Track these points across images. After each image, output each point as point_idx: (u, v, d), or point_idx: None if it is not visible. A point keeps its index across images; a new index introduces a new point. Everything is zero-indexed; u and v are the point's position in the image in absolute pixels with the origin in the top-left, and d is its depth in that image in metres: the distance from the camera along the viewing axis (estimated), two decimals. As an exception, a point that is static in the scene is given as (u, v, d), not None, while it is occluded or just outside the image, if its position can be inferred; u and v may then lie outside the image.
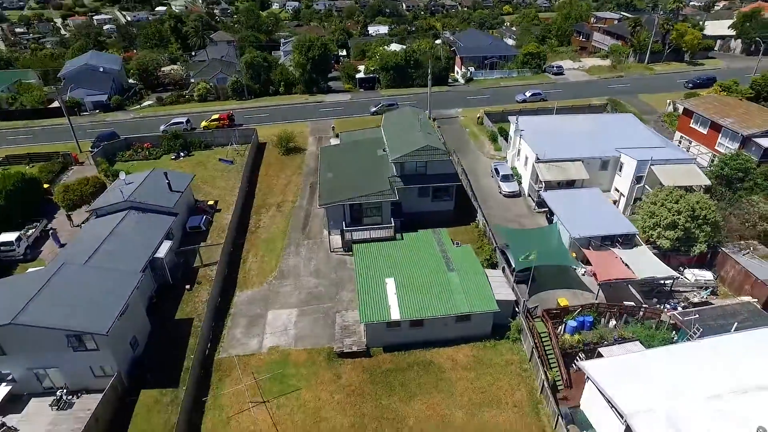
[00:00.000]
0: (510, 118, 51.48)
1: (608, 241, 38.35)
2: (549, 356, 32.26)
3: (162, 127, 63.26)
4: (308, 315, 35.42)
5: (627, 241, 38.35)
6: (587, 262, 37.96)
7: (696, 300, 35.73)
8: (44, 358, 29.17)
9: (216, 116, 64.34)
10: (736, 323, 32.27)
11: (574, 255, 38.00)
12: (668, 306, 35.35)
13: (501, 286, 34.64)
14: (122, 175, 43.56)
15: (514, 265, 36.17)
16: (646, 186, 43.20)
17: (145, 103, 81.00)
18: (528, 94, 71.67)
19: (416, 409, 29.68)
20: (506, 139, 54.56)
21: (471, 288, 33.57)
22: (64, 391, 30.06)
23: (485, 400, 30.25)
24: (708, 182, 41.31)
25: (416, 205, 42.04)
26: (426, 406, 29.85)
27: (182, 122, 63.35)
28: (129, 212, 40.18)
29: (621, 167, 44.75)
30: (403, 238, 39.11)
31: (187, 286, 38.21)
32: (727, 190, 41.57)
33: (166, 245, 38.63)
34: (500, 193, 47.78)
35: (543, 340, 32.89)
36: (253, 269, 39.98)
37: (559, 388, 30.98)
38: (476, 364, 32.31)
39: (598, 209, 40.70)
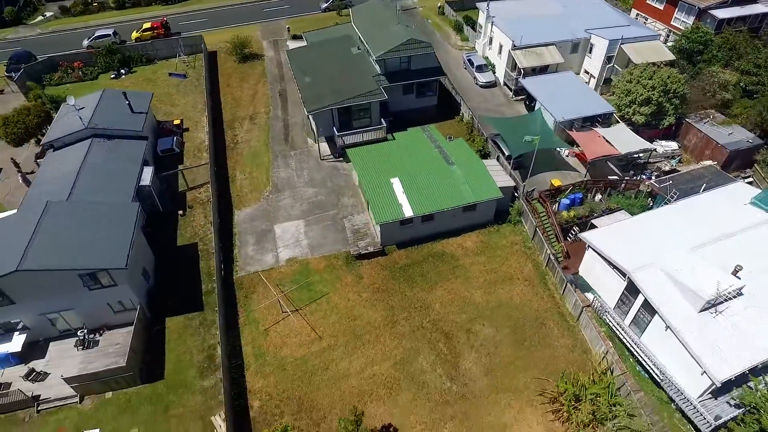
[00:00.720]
0: (479, 5, 49.84)
1: (588, 122, 40.42)
2: (548, 233, 35.10)
3: (85, 42, 55.29)
4: (315, 224, 35.45)
5: (605, 120, 40.60)
6: (570, 144, 40.09)
7: (667, 168, 39.42)
8: (58, 301, 27.65)
9: (148, 25, 56.84)
10: (704, 184, 36.38)
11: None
12: (644, 176, 38.82)
13: (498, 174, 36.12)
14: (70, 100, 38.44)
15: (509, 153, 37.52)
16: (615, 66, 44.87)
17: (48, 14, 69.54)
18: None
19: (439, 295, 31.90)
20: (473, 28, 53.31)
21: (474, 179, 34.76)
22: (85, 330, 29.08)
23: (498, 279, 32.99)
24: (672, 57, 43.55)
25: (400, 104, 41.29)
26: (447, 291, 32.13)
27: (109, 35, 55.54)
28: (93, 141, 36.34)
29: (591, 48, 45.78)
30: (394, 138, 38.86)
31: (180, 212, 36.47)
32: (687, 63, 44.17)
33: (149, 171, 35.92)
34: (476, 84, 47.74)
35: (542, 219, 35.52)
36: (245, 186, 38.55)
37: (559, 259, 34.18)
38: (485, 249, 34.63)
39: (576, 92, 42.17)
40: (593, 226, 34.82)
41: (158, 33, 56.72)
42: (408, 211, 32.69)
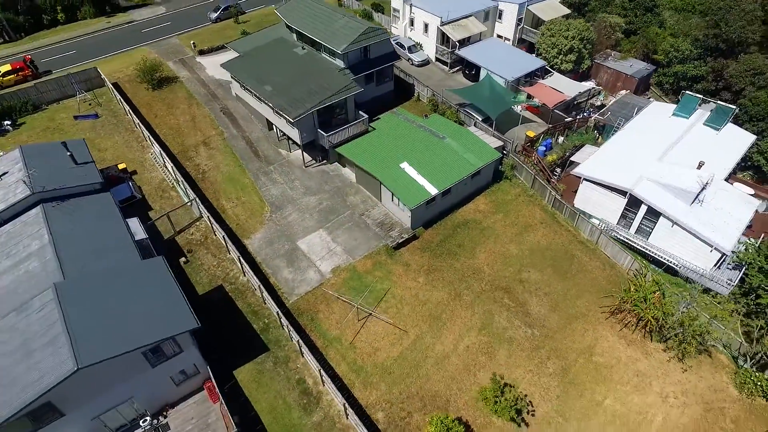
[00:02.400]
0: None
1: (529, 77, 45.10)
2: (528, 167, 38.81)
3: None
4: (337, 229, 34.19)
5: (540, 72, 45.71)
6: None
7: (598, 104, 46.09)
8: (115, 394, 23.00)
9: (8, 67, 47.03)
10: (636, 108, 43.51)
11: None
12: (585, 114, 44.89)
13: (485, 138, 38.72)
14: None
15: (487, 116, 40.34)
16: (524, 26, 50.43)
17: None
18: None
19: (482, 258, 33.60)
20: (383, 13, 54.79)
21: (470, 146, 36.81)
22: (148, 418, 24.60)
23: (520, 229, 35.81)
24: (568, 11, 50.47)
25: (363, 94, 40.95)
26: (486, 252, 33.97)
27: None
28: (42, 207, 29.83)
29: (500, 15, 50.65)
30: (374, 128, 38.91)
31: (183, 259, 32.13)
32: (578, 14, 51.61)
33: (136, 223, 30.91)
34: (412, 64, 49.55)
35: (535, 167, 39.15)
36: (240, 214, 35.23)
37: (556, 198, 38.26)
38: (497, 207, 37.14)
39: (508, 53, 46.63)
40: (573, 164, 39.58)
41: (25, 74, 47.40)
42: (432, 190, 33.50)
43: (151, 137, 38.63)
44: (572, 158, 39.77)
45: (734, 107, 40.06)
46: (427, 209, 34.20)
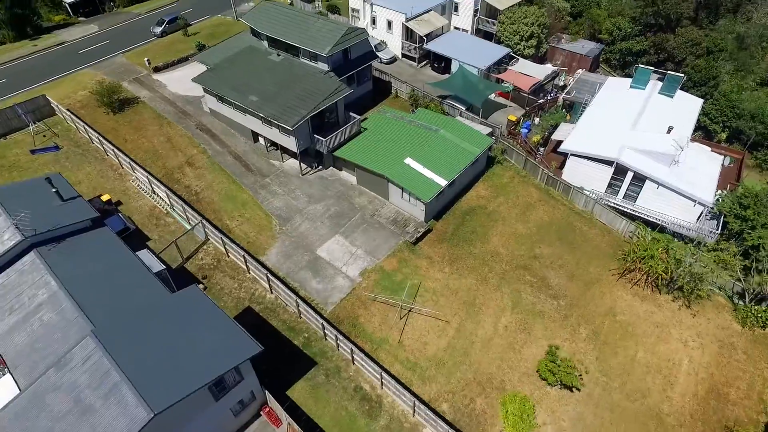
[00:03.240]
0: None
1: (498, 64, 46.98)
2: (521, 150, 40.72)
3: None
4: (353, 232, 33.84)
5: (507, 59, 47.75)
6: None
7: (561, 84, 48.96)
8: (180, 437, 21.51)
9: (-69, 106, 41.58)
10: (597, 84, 46.73)
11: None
12: (552, 95, 47.54)
13: (473, 125, 39.95)
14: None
15: (471, 105, 41.56)
16: (480, 16, 52.35)
17: None
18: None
19: (496, 241, 34.79)
20: (339, 14, 54.41)
21: (464, 135, 37.84)
22: (212, 455, 23.22)
23: (522, 209, 37.44)
24: (518, -1, 53.16)
25: (348, 95, 40.87)
26: (499, 235, 35.22)
27: None
28: (36, 252, 26.92)
29: (456, 7, 52.18)
30: (365, 129, 38.81)
31: (201, 286, 30.34)
32: (528, 2, 54.32)
33: (147, 254, 28.73)
34: (380, 62, 49.74)
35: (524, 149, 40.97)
36: (248, 231, 33.78)
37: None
38: (496, 191, 38.53)
39: (473, 44, 48.29)
40: (553, 142, 41.91)
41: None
42: (441, 181, 34.12)
43: (132, 163, 35.90)
44: (553, 137, 42.16)
45: (682, 75, 44.31)
46: (437, 201, 34.78)
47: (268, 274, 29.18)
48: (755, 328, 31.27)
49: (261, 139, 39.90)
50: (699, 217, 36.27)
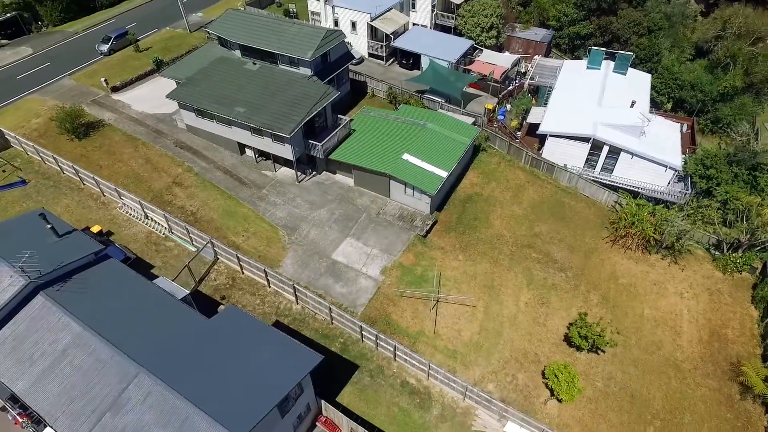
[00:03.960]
0: (304, -6, 50.79)
1: (464, 57, 48.57)
2: (503, 136, 42.63)
3: None
4: (363, 233, 33.95)
5: (471, 51, 49.47)
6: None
7: (523, 71, 51.43)
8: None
9: None
10: (556, 68, 49.56)
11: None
12: (516, 82, 49.85)
13: (457, 117, 41.21)
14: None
15: (455, 96, 42.91)
16: (437, 11, 53.76)
17: None
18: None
19: (498, 224, 36.31)
20: (297, 18, 53.72)
21: (452, 127, 39.01)
22: (278, 474, 22.72)
23: (514, 191, 39.25)
24: (470, -8, 55.04)
25: (327, 99, 40.78)
26: (499, 219, 36.75)
27: None
28: (44, 294, 24.88)
29: (413, 4, 53.23)
30: (354, 129, 38.91)
31: (221, 307, 29.29)
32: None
33: (165, 282, 27.35)
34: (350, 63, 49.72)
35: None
36: (256, 245, 32.90)
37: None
38: (487, 177, 40.06)
39: (438, 38, 49.58)
40: (531, 125, 44.16)
41: None
42: (442, 173, 35.04)
43: (117, 189, 33.76)
44: (528, 120, 44.41)
45: (631, 54, 48.14)
46: (438, 193, 35.64)
47: (295, 285, 28.75)
48: (734, 273, 34.92)
49: (248, 151, 38.87)
50: (670, 181, 39.79)
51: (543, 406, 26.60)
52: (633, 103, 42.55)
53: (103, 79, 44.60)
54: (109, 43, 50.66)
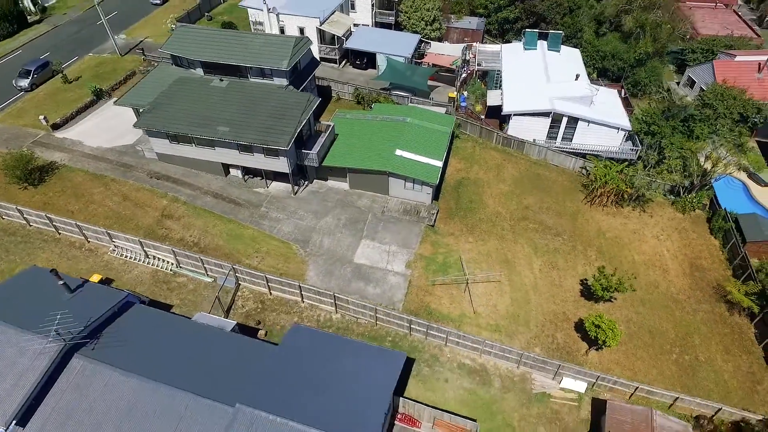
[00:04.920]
0: (244, 5, 49.01)
1: (416, 51, 50.15)
2: (474, 121, 45.09)
3: None
4: (376, 232, 34.37)
5: (419, 44, 51.20)
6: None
7: (468, 58, 54.14)
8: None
9: None
10: (496, 52, 52.87)
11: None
12: (465, 69, 52.47)
13: (429, 108, 42.78)
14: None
15: (422, 90, 44.32)
16: (376, 9, 54.77)
17: None
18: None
19: (491, 204, 38.59)
20: (236, 29, 51.82)
21: (429, 118, 40.48)
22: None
23: (496, 171, 41.81)
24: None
25: (300, 108, 40.25)
26: (491, 198, 39.07)
27: None
28: (78, 357, 22.59)
29: (353, 5, 53.76)
30: (337, 134, 38.90)
31: (261, 332, 28.24)
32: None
33: (207, 317, 25.83)
34: (304, 70, 49.20)
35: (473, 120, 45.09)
36: (274, 263, 31.93)
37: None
38: (469, 161, 42.22)
39: (386, 36, 50.67)
40: (490, 107, 46.96)
41: None
42: (437, 163, 36.43)
43: (108, 232, 30.89)
44: (488, 104, 47.18)
45: (560, 32, 52.81)
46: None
47: (335, 294, 28.58)
48: (691, 212, 40.27)
49: (233, 171, 37.35)
50: (621, 141, 44.63)
51: (585, 357, 29.17)
52: (577, 76, 46.91)
53: (42, 116, 40.06)
54: (30, 77, 45.45)
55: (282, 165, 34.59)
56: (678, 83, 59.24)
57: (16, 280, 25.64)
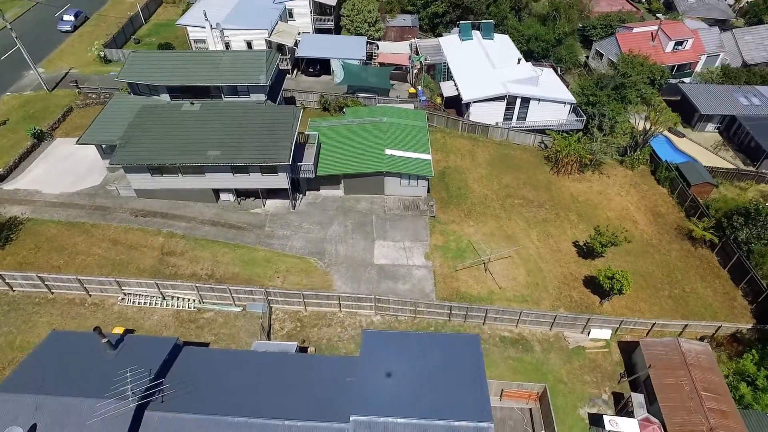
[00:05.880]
0: (182, 23, 46.38)
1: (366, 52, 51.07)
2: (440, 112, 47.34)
3: None
4: (386, 232, 35.12)
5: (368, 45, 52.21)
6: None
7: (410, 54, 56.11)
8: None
9: None
10: (436, 46, 55.38)
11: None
12: (418, 62, 54.33)
13: (398, 105, 44.09)
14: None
15: (386, 89, 45.53)
16: (315, 17, 54.70)
17: None
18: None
19: (477, 188, 41.10)
20: (175, 49, 48.92)
21: (403, 115, 41.86)
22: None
23: (470, 157, 44.46)
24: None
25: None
26: (475, 183, 41.60)
27: None
28: (151, 413, 21.12)
29: (291, 13, 53.21)
30: (320, 141, 38.86)
31: (311, 349, 27.93)
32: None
33: (264, 344, 25.07)
34: (259, 84, 47.86)
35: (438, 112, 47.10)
36: (297, 279, 31.46)
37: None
38: (444, 151, 44.50)
39: (335, 41, 50.98)
40: (446, 98, 49.42)
41: None
42: (427, 156, 37.94)
43: (117, 280, 28.45)
44: (445, 95, 49.59)
45: (491, 20, 56.68)
46: (426, 175, 38.60)
47: (376, 296, 29.07)
48: (637, 168, 45.86)
49: (224, 196, 35.86)
50: (567, 114, 49.35)
51: (601, 308, 32.56)
52: (519, 60, 50.97)
53: (-16, 168, 35.38)
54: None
55: (281, 181, 34.01)
56: (587, 57, 66.28)
57: (43, 350, 22.99)
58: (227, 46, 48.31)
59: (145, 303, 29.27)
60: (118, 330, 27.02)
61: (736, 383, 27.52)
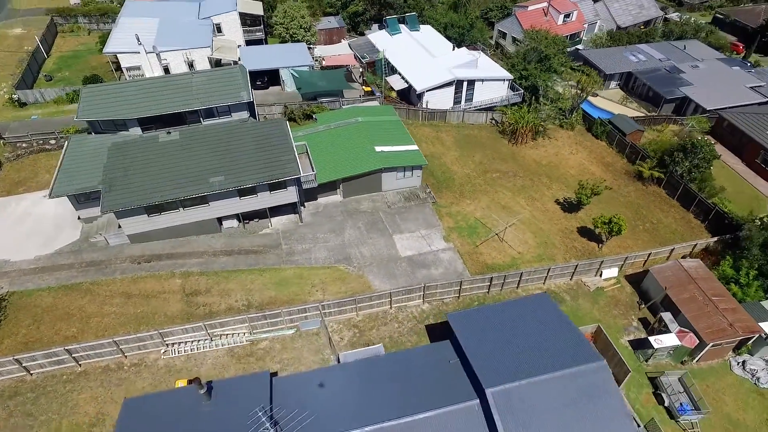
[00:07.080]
0: (110, 51, 41.88)
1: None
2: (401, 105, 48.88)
3: None
4: (399, 225, 35.96)
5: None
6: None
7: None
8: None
9: None
10: (370, 43, 56.61)
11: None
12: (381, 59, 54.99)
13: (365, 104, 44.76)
14: None
15: (341, 91, 45.75)
16: (244, 29, 52.74)
17: None
18: None
19: (457, 169, 43.55)
20: (103, 81, 44.04)
21: (374, 112, 42.75)
22: None
23: (439, 143, 46.62)
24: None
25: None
26: (454, 165, 44.03)
27: None
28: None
29: (219, 28, 50.72)
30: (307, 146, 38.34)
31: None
32: None
33: (351, 354, 24.77)
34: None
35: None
36: (336, 288, 31.08)
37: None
38: (414, 140, 45.72)
39: (276, 51, 49.82)
40: (402, 90, 51.09)
41: None
42: (414, 147, 39.43)
43: (161, 331, 25.90)
44: (397, 89, 51.19)
45: (415, 13, 59.24)
46: (416, 167, 39.97)
47: (425, 284, 29.99)
48: (574, 126, 51.69)
49: (226, 222, 33.91)
50: (506, 90, 53.73)
51: (600, 251, 36.75)
52: (453, 47, 54.15)
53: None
54: None
55: (290, 196, 33.20)
56: (491, 37, 72.15)
57: (126, 420, 20.53)
58: (166, 70, 44.95)
59: (192, 350, 27.10)
60: (182, 383, 24.89)
61: (725, 285, 33.16)
